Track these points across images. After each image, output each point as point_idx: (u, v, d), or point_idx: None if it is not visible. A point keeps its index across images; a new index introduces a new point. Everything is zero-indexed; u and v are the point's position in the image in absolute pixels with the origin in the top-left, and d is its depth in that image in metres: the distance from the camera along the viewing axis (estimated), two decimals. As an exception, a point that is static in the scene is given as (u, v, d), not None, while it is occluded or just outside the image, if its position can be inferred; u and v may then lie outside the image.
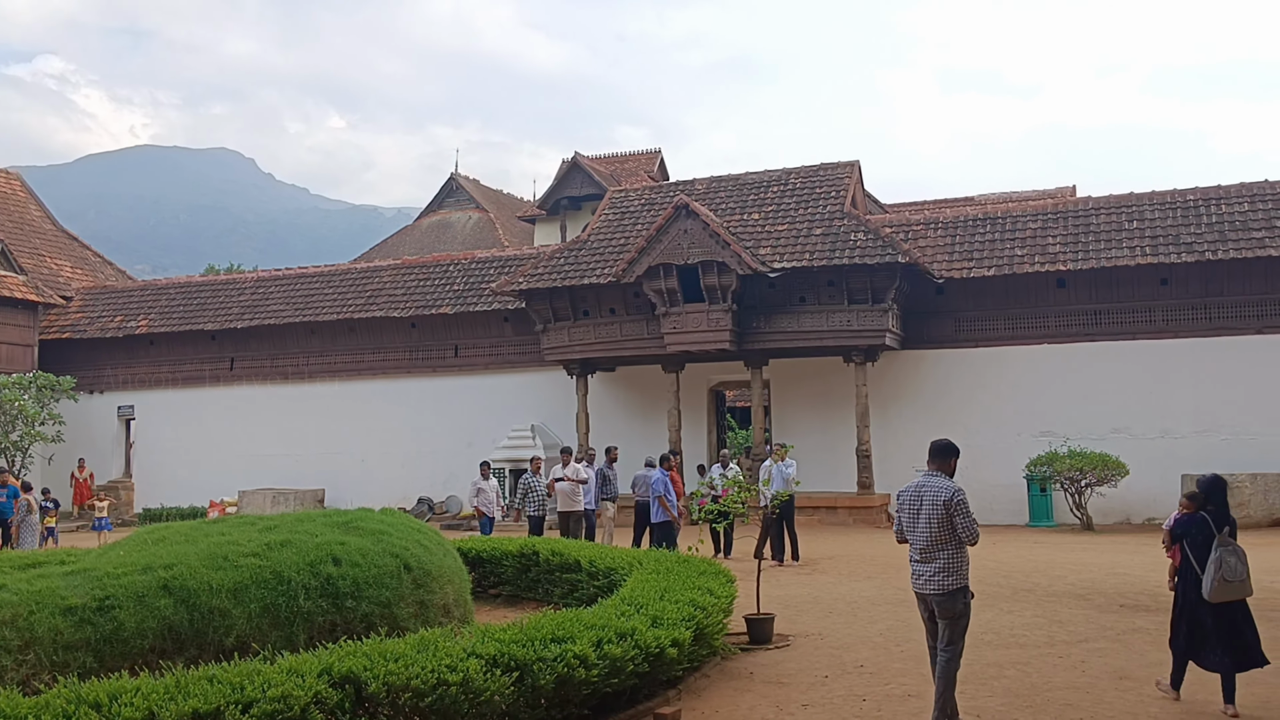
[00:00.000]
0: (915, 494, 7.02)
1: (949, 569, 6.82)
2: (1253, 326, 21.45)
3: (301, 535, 8.51)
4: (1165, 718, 7.01)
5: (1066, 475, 20.66)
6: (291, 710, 5.40)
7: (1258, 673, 7.42)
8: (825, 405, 24.05)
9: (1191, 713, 7.12)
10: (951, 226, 24.49)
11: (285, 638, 7.55)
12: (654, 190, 27.33)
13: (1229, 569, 7.23)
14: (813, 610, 11.67)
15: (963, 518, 6.77)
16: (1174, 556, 7.78)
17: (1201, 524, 7.51)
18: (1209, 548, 7.33)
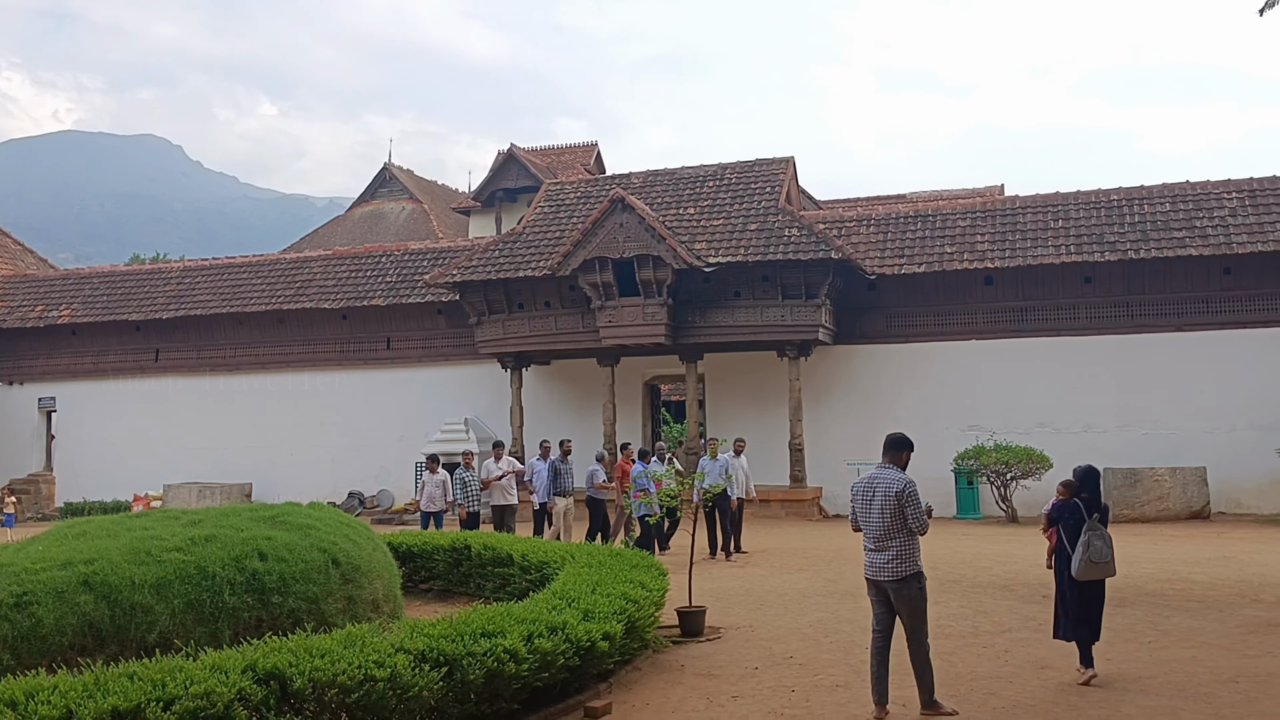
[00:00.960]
0: (869, 486, 7.29)
1: (901, 556, 7.10)
2: (1173, 324, 22.05)
3: (227, 530, 8.37)
4: (1085, 706, 7.18)
5: (993, 469, 21.07)
6: (214, 707, 5.31)
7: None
8: (759, 399, 24.24)
9: (1109, 701, 7.31)
10: (883, 223, 24.81)
11: (210, 634, 7.42)
12: (590, 183, 27.28)
13: (1095, 551, 7.87)
14: (744, 603, 11.76)
15: (913, 508, 7.07)
16: (1051, 539, 8.35)
17: (1074, 509, 8.09)
18: (1080, 531, 7.95)
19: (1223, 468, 20.71)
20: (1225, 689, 7.51)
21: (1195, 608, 10.71)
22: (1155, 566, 13.69)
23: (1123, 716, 6.90)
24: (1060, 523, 8.18)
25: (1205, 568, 13.43)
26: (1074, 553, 7.97)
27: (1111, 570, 8.03)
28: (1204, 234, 21.65)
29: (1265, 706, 7.01)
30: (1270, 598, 11.21)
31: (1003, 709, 7.17)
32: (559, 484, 16.93)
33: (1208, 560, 14.10)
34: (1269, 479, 20.60)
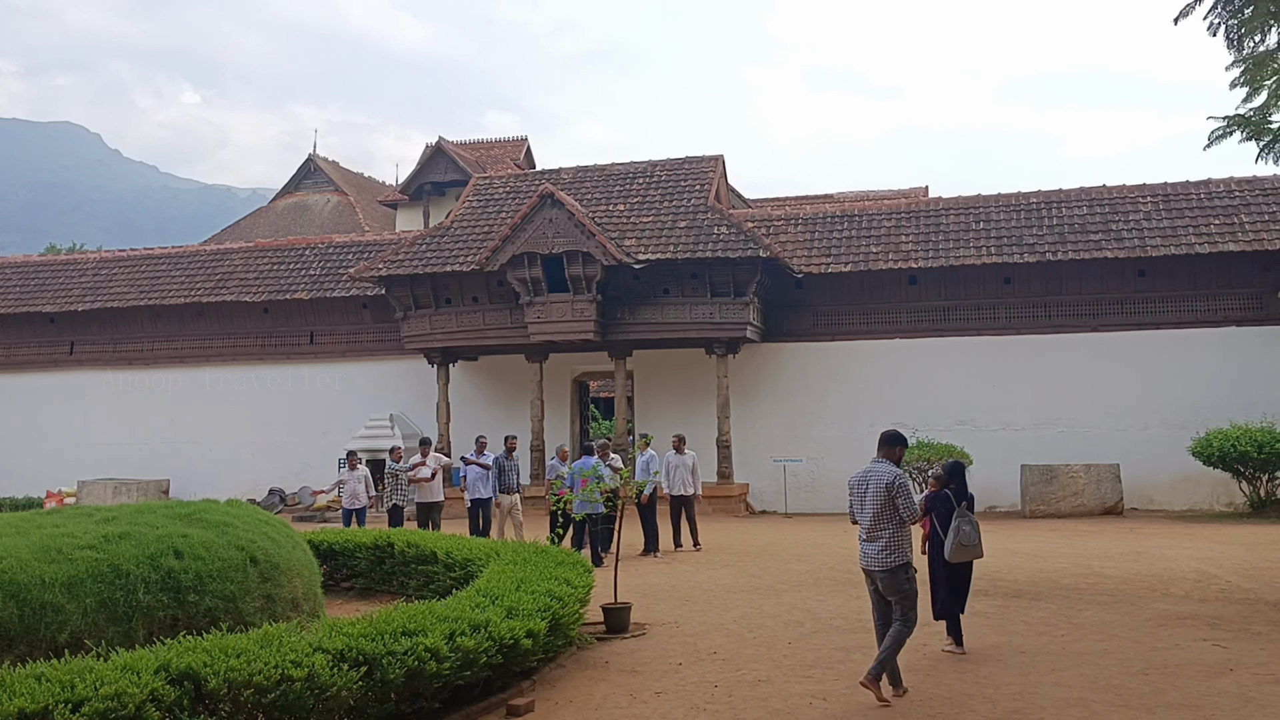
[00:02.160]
0: (863, 479, 7.65)
1: (891, 546, 7.44)
2: (1088, 325, 22.62)
3: (142, 527, 8.17)
4: (999, 698, 7.32)
5: (915, 466, 21.38)
6: (125, 709, 5.18)
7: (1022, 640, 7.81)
8: (687, 396, 24.34)
9: (1023, 694, 7.46)
10: (811, 223, 25.07)
11: (123, 634, 7.24)
12: (519, 178, 27.14)
13: (965, 536, 8.67)
14: (670, 599, 11.80)
15: (904, 499, 7.41)
16: (925, 527, 9.12)
17: (945, 500, 8.89)
18: (951, 519, 8.74)
19: (1136, 465, 21.30)
20: (1135, 680, 7.71)
21: (1108, 601, 10.99)
22: (1070, 561, 14.03)
23: (1036, 708, 7.05)
24: (933, 512, 8.94)
25: (1118, 562, 13.80)
26: (946, 538, 8.72)
27: (979, 553, 8.75)
28: (1119, 237, 22.24)
29: (1172, 698, 7.22)
30: (1179, 592, 11.55)
31: (920, 701, 7.28)
32: (504, 481, 16.78)
33: (1120, 555, 14.49)
34: (1180, 476, 21.24)
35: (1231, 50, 12.19)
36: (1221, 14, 11.83)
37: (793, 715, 7.05)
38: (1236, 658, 8.31)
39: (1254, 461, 19.38)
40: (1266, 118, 12.66)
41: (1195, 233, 21.89)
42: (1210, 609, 10.48)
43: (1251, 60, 12.15)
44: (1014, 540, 16.95)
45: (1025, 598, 11.42)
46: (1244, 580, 12.21)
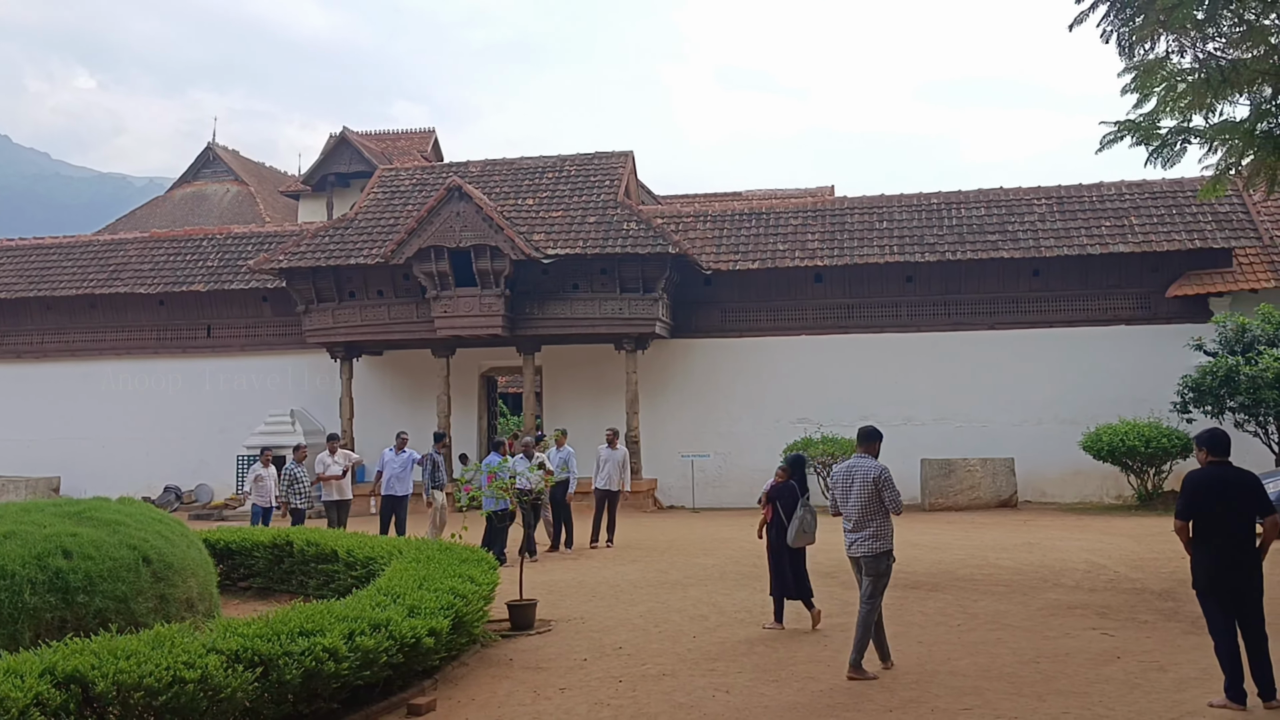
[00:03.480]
0: (847, 473, 8.11)
1: (878, 535, 7.91)
2: (986, 323, 23.22)
3: (28, 526, 7.87)
4: (897, 687, 7.47)
5: (820, 460, 21.71)
6: (9, 713, 5.00)
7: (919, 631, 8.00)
8: (596, 392, 24.32)
9: (919, 683, 7.62)
10: (719, 220, 25.25)
11: (9, 636, 6.97)
12: (426, 170, 26.81)
13: (806, 524, 9.56)
14: (576, 595, 11.77)
15: (889, 492, 7.91)
16: (767, 514, 9.93)
17: (791, 490, 9.78)
18: (794, 507, 9.60)
19: (1029, 459, 21.93)
20: (1027, 669, 7.94)
21: (1002, 592, 11.30)
22: (965, 553, 14.39)
23: (932, 697, 7.21)
24: (778, 500, 9.79)
25: (1012, 554, 14.19)
26: (790, 524, 9.54)
27: (814, 540, 9.75)
28: (1015, 238, 22.87)
29: (1062, 685, 7.44)
30: (1070, 582, 11.92)
31: (821, 692, 7.39)
32: (436, 478, 16.47)
33: (1014, 546, 14.90)
34: (1071, 469, 21.92)
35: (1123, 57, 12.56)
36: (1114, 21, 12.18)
37: (696, 708, 7.09)
38: (1123, 646, 8.61)
39: (1141, 456, 20.11)
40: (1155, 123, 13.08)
41: (1087, 234, 22.62)
42: (1099, 598, 10.84)
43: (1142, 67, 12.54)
44: (913, 533, 17.29)
45: (923, 589, 11.67)
46: (1131, 570, 12.66)
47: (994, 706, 6.95)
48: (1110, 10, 12.13)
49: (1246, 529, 6.86)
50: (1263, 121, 12.63)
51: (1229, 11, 11.59)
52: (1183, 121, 12.84)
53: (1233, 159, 13.08)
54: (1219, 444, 7.14)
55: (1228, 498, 6.88)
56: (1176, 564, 13.12)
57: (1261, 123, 12.62)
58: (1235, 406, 19.60)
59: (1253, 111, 12.67)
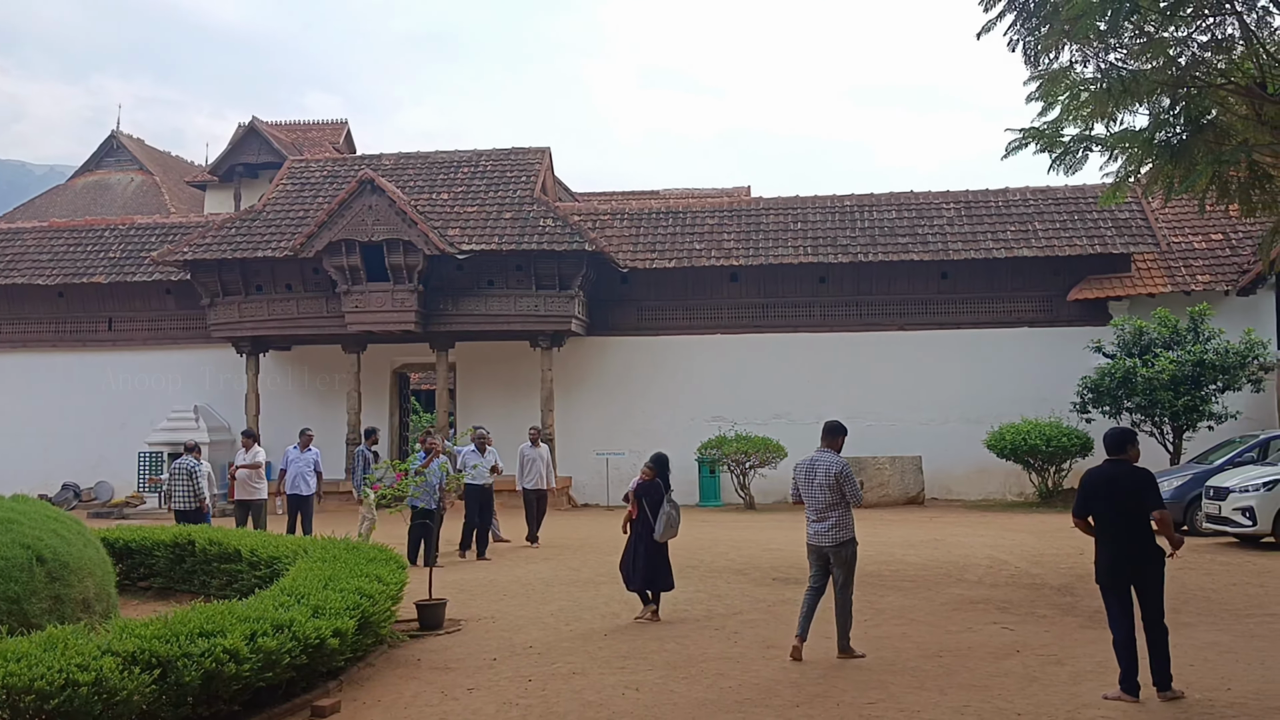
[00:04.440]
0: (810, 467, 8.47)
1: (839, 525, 8.31)
2: (896, 323, 23.64)
3: (-89, 526, 7.51)
4: (804, 683, 7.54)
5: (733, 458, 21.91)
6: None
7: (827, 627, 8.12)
8: (511, 389, 24.15)
9: (827, 677, 7.71)
10: (636, 218, 25.28)
11: (-109, 640, 6.62)
12: (338, 163, 26.35)
13: (671, 520, 10.03)
14: (487, 594, 11.67)
15: (849, 485, 8.29)
16: (633, 510, 10.28)
17: (656, 487, 10.20)
18: (659, 504, 10.02)
19: (936, 457, 22.38)
20: (930, 663, 8.08)
21: (908, 587, 11.50)
22: (874, 549, 14.59)
23: (838, 691, 7.29)
24: (644, 497, 10.16)
25: (918, 550, 14.46)
26: (655, 521, 9.95)
27: (677, 534, 10.23)
28: (925, 241, 23.33)
29: (964, 679, 7.59)
30: (973, 578, 12.19)
31: (730, 689, 7.42)
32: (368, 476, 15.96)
33: (921, 543, 15.19)
34: (976, 468, 22.42)
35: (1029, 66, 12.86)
36: (1020, 31, 12.46)
37: (605, 706, 7.07)
38: (1023, 640, 8.82)
39: (1043, 454, 20.67)
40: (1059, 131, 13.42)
41: (993, 238, 23.17)
42: (1000, 593, 11.10)
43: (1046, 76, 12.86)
44: (824, 530, 17.53)
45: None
46: (1031, 566, 12.99)
47: (898, 700, 7.06)
48: (1017, 20, 12.41)
49: (1139, 524, 7.03)
50: (1160, 131, 13.05)
51: (1130, 24, 11.94)
52: (1085, 130, 13.20)
53: (1132, 167, 13.49)
54: (1111, 442, 7.32)
55: (1117, 495, 7.08)
56: (1074, 559, 13.52)
57: (1159, 132, 13.04)
58: (1132, 407, 20.26)
59: (1151, 121, 13.09)
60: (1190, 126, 12.89)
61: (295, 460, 15.87)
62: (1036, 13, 12.19)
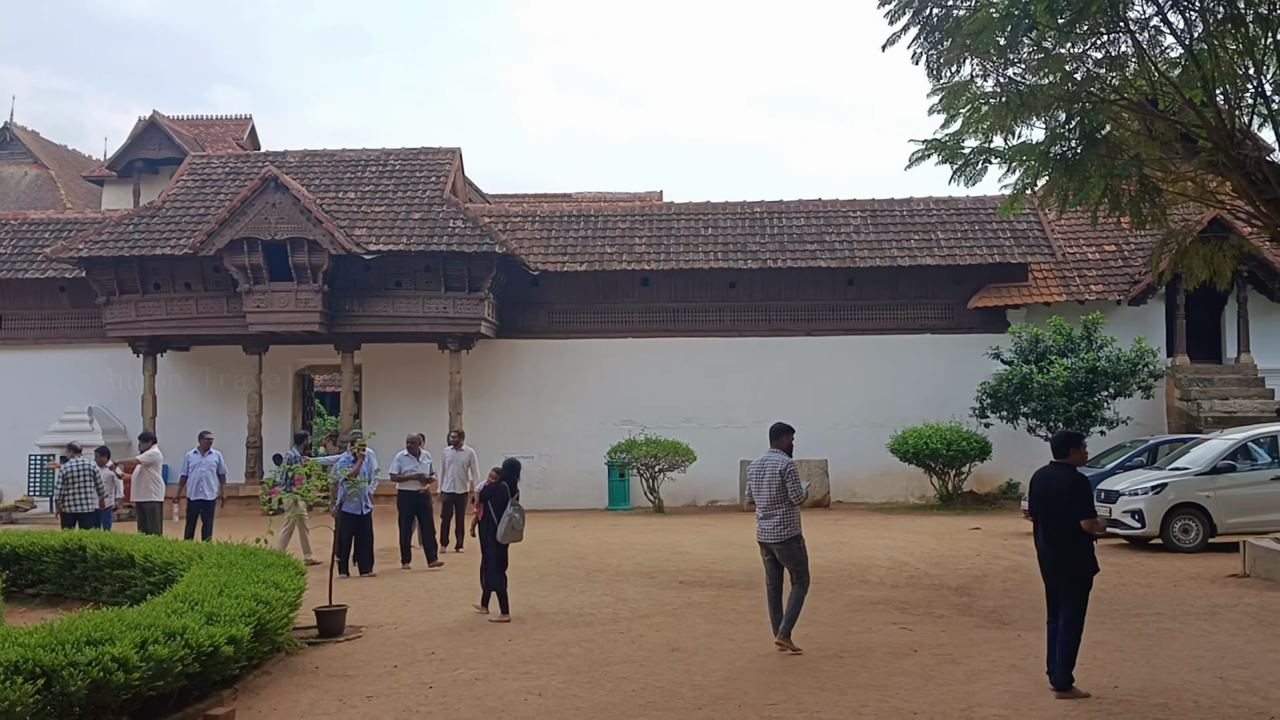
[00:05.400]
0: (760, 466, 8.90)
1: (784, 522, 8.64)
2: (804, 329, 23.97)
3: None
4: (708, 685, 7.58)
5: (643, 461, 21.97)
6: None
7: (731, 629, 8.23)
8: (419, 392, 23.86)
9: (730, 679, 7.76)
10: (548, 221, 25.22)
11: None
12: (241, 159, 25.76)
13: (515, 522, 10.35)
14: (390, 600, 11.50)
15: (793, 484, 8.67)
16: (479, 512, 10.58)
17: (501, 490, 10.51)
18: (504, 507, 10.35)
19: (842, 460, 22.73)
20: (831, 663, 8.20)
21: (812, 589, 11.60)
22: (781, 552, 14.78)
23: (740, 694, 7.35)
24: (489, 500, 10.47)
25: (823, 552, 14.64)
26: (500, 523, 10.26)
27: (521, 537, 10.53)
28: (832, 248, 23.72)
29: (863, 678, 7.72)
30: (875, 579, 12.41)
31: (633, 692, 7.43)
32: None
33: (825, 545, 15.39)
34: (879, 471, 22.84)
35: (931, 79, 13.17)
36: (923, 44, 12.75)
37: (507, 712, 7.02)
38: (921, 639, 9.00)
39: (943, 458, 21.15)
40: (960, 143, 13.76)
41: (898, 247, 23.66)
42: (901, 594, 11.33)
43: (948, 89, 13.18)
44: (729, 532, 17.70)
45: (738, 587, 11.93)
46: (931, 567, 13.28)
47: (798, 701, 7.14)
48: (920, 33, 12.68)
49: (1064, 528, 7.23)
50: (1056, 145, 13.47)
51: (1029, 39, 12.29)
52: (984, 142, 13.54)
53: (1029, 179, 13.88)
54: (1054, 446, 7.60)
55: (1047, 498, 7.36)
56: (972, 561, 13.87)
57: (1055, 146, 13.45)
58: (1028, 412, 20.86)
59: (1048, 135, 13.50)
60: (1084, 141, 13.32)
61: (196, 465, 15.40)
62: (939, 27, 12.47)
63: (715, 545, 15.92)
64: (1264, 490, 14.46)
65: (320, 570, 12.38)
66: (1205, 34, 12.04)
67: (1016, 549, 14.98)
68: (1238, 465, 14.74)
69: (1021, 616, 9.99)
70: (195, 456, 15.45)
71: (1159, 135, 13.05)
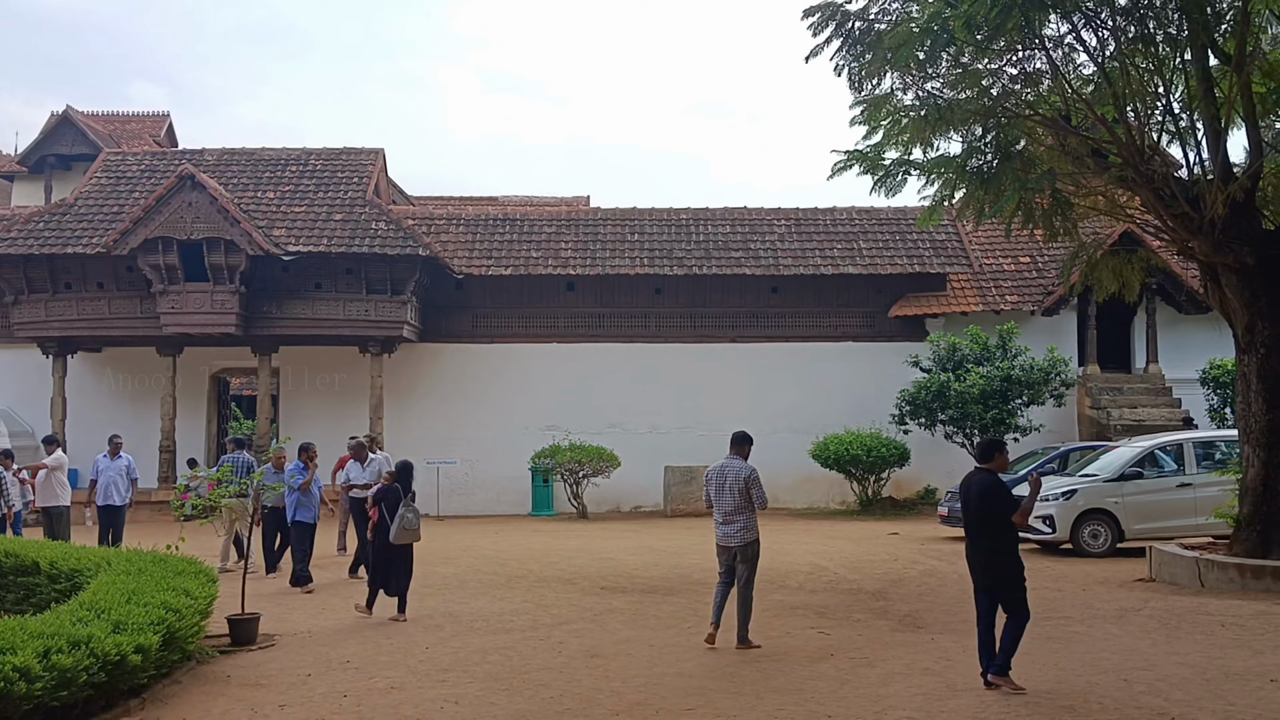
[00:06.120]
0: (721, 472, 9.15)
1: (747, 527, 9.01)
2: (728, 335, 24.15)
3: None
4: (626, 691, 7.59)
5: (567, 467, 21.93)
6: None
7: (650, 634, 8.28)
8: (339, 396, 23.53)
9: (647, 685, 7.78)
10: (473, 224, 25.06)
11: None
12: (157, 156, 25.19)
13: (408, 522, 10.44)
14: (306, 607, 11.31)
15: (757, 490, 8.99)
16: (374, 515, 10.67)
17: (395, 492, 10.63)
18: (397, 508, 10.46)
19: (765, 466, 22.30)
20: (749, 668, 8.26)
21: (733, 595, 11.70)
22: (702, 557, 14.82)
23: (658, 699, 7.36)
24: (383, 502, 10.60)
25: (744, 558, 14.74)
26: (393, 524, 10.37)
27: (418, 537, 10.64)
28: (757, 255, 23.94)
29: (780, 683, 7.79)
30: (794, 584, 12.54)
31: (550, 699, 7.40)
32: None
33: (747, 551, 15.49)
34: (802, 477, 23.06)
35: (853, 91, 13.39)
36: (846, 57, 12.97)
37: (423, 720, 6.94)
38: (838, 644, 9.12)
39: (863, 464, 21.47)
40: (880, 155, 14.00)
41: (821, 255, 23.98)
42: (819, 599, 11.46)
43: (870, 101, 13.40)
44: (654, 538, 17.76)
45: (659, 593, 11.96)
46: (850, 572, 13.46)
47: (716, 705, 7.18)
48: (843, 46, 12.89)
49: (989, 529, 7.55)
50: (973, 158, 13.79)
51: (947, 55, 12.57)
52: (904, 154, 13.82)
53: (947, 191, 14.20)
54: (978, 452, 7.96)
55: (969, 500, 7.67)
56: (890, 565, 14.10)
57: (972, 159, 13.78)
58: (946, 419, 21.29)
59: (965, 148, 13.82)
60: (1000, 155, 13.67)
61: (105, 469, 14.96)
62: (861, 40, 12.69)
63: (638, 551, 15.95)
64: (1170, 497, 14.92)
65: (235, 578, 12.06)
66: (1117, 52, 12.43)
67: (933, 554, 15.26)
68: (1145, 472, 15.19)
69: (935, 620, 10.18)
70: (104, 460, 15.01)
71: (1071, 151, 13.44)
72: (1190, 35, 11.90)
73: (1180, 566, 12.24)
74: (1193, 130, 13.06)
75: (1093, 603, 11.08)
